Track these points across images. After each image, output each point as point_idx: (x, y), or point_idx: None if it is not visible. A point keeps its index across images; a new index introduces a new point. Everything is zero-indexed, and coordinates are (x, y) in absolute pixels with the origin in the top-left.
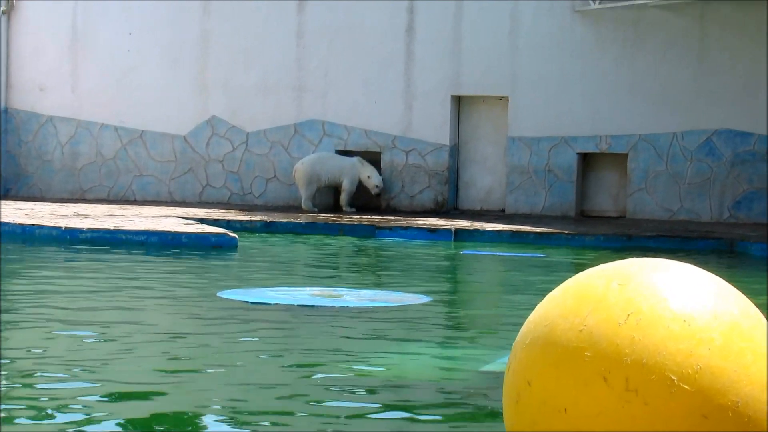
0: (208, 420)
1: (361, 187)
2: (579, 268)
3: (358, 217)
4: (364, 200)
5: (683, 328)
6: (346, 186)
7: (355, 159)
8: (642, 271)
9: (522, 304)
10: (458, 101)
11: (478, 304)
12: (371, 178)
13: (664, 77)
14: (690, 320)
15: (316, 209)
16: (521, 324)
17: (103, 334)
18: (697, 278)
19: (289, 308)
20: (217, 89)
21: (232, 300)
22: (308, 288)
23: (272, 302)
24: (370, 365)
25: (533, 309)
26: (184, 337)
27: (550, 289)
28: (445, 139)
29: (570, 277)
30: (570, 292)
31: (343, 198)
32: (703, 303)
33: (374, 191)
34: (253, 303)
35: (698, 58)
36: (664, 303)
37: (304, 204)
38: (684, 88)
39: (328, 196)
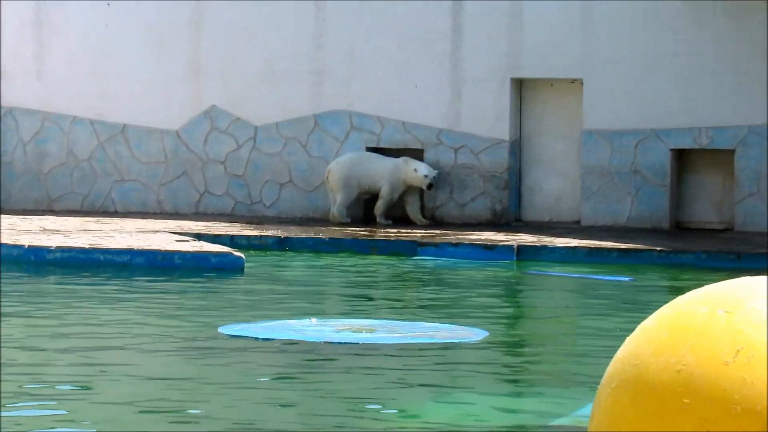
0: None
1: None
2: (674, 293)
3: (395, 231)
4: (401, 211)
5: None
6: (385, 192)
7: (400, 160)
8: (755, 295)
9: (603, 339)
10: (519, 86)
11: (547, 339)
12: (418, 170)
13: None
14: None
15: (348, 219)
16: (602, 364)
17: (74, 383)
18: None
19: (307, 346)
20: (215, 73)
21: (236, 337)
22: (332, 321)
23: (286, 339)
24: (407, 417)
25: (619, 344)
26: (178, 385)
27: (638, 321)
28: (503, 133)
29: (665, 303)
30: (665, 322)
31: (379, 206)
32: None
33: (425, 183)
34: (262, 340)
35: None
36: None
37: (337, 210)
38: None
39: (358, 207)
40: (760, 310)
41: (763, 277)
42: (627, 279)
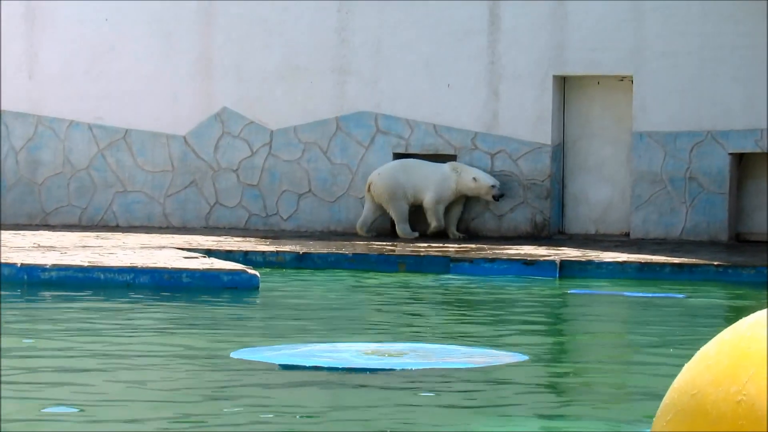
0: None
1: (419, 209)
2: (732, 313)
3: (425, 245)
4: (423, 225)
5: None
6: (430, 204)
7: (446, 167)
8: None
9: (656, 363)
10: (563, 84)
11: (594, 364)
12: (479, 179)
13: None
14: None
15: (416, 233)
16: (655, 392)
17: (73, 415)
18: None
19: (330, 372)
20: (227, 73)
21: (251, 361)
22: (357, 344)
23: (307, 365)
24: None
25: (671, 369)
26: (187, 415)
27: (691, 343)
28: (545, 136)
29: (725, 326)
30: (726, 348)
31: (429, 220)
32: None
33: (490, 195)
34: (281, 366)
35: None
36: None
37: (401, 230)
38: None
39: (384, 219)
40: None
41: None
42: (680, 296)
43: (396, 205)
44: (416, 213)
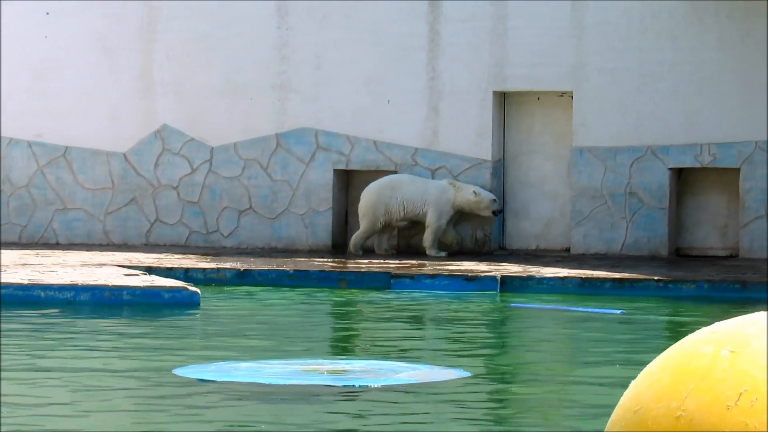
0: None
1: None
2: (672, 328)
3: (366, 261)
4: (408, 241)
5: None
6: (432, 220)
7: (444, 182)
8: (765, 333)
9: (596, 377)
10: (503, 100)
11: (536, 380)
12: (479, 194)
13: None
14: None
15: (360, 252)
16: (595, 407)
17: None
18: None
19: (270, 389)
20: (168, 90)
21: (191, 379)
22: (298, 361)
23: (247, 381)
24: None
25: (615, 384)
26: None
27: (632, 358)
28: (485, 152)
29: (664, 341)
30: (668, 365)
31: (427, 237)
32: None
33: (491, 209)
34: (221, 383)
35: None
36: None
37: (353, 240)
38: None
39: (395, 237)
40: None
41: None
42: (619, 312)
43: (367, 221)
44: (410, 229)
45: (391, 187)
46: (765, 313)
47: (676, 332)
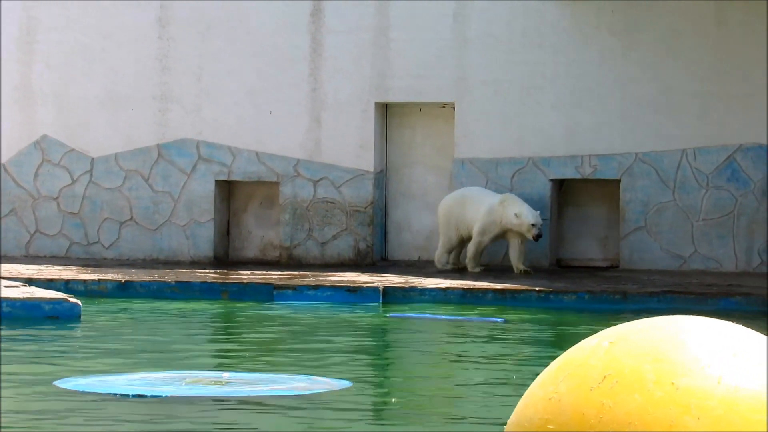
0: None
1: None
2: (553, 337)
3: (248, 273)
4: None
5: (668, 394)
6: (475, 235)
7: (496, 200)
8: (653, 329)
9: (479, 385)
10: (385, 111)
11: (417, 390)
12: (521, 216)
13: (669, 77)
14: (681, 384)
15: (449, 267)
16: (481, 415)
17: None
18: (726, 335)
19: (154, 401)
20: (47, 101)
21: (74, 392)
22: (180, 373)
23: (131, 394)
24: None
25: (498, 393)
26: None
27: (515, 367)
28: (367, 163)
29: (544, 349)
30: (560, 356)
31: (470, 252)
32: (708, 362)
33: (532, 234)
34: (105, 394)
35: (714, 50)
36: (652, 363)
37: (436, 255)
38: (697, 90)
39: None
40: (646, 341)
41: (687, 317)
42: (500, 320)
43: (444, 234)
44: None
45: (459, 203)
46: (677, 317)
47: (556, 341)
